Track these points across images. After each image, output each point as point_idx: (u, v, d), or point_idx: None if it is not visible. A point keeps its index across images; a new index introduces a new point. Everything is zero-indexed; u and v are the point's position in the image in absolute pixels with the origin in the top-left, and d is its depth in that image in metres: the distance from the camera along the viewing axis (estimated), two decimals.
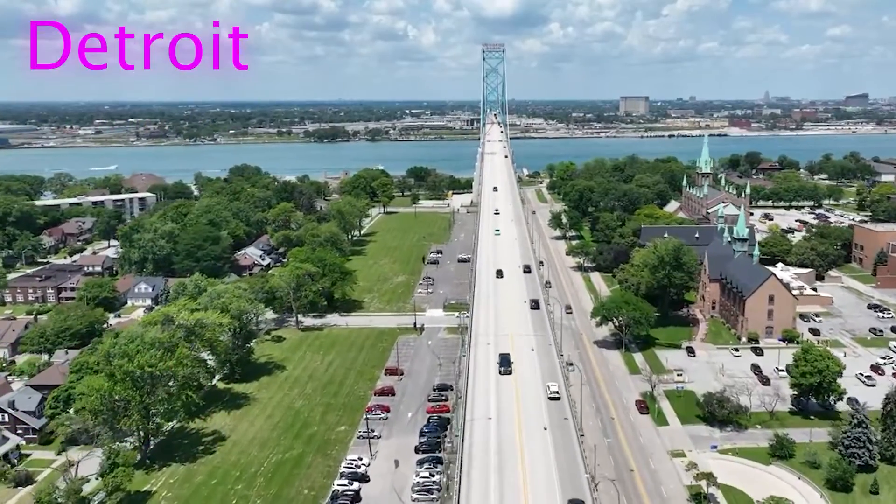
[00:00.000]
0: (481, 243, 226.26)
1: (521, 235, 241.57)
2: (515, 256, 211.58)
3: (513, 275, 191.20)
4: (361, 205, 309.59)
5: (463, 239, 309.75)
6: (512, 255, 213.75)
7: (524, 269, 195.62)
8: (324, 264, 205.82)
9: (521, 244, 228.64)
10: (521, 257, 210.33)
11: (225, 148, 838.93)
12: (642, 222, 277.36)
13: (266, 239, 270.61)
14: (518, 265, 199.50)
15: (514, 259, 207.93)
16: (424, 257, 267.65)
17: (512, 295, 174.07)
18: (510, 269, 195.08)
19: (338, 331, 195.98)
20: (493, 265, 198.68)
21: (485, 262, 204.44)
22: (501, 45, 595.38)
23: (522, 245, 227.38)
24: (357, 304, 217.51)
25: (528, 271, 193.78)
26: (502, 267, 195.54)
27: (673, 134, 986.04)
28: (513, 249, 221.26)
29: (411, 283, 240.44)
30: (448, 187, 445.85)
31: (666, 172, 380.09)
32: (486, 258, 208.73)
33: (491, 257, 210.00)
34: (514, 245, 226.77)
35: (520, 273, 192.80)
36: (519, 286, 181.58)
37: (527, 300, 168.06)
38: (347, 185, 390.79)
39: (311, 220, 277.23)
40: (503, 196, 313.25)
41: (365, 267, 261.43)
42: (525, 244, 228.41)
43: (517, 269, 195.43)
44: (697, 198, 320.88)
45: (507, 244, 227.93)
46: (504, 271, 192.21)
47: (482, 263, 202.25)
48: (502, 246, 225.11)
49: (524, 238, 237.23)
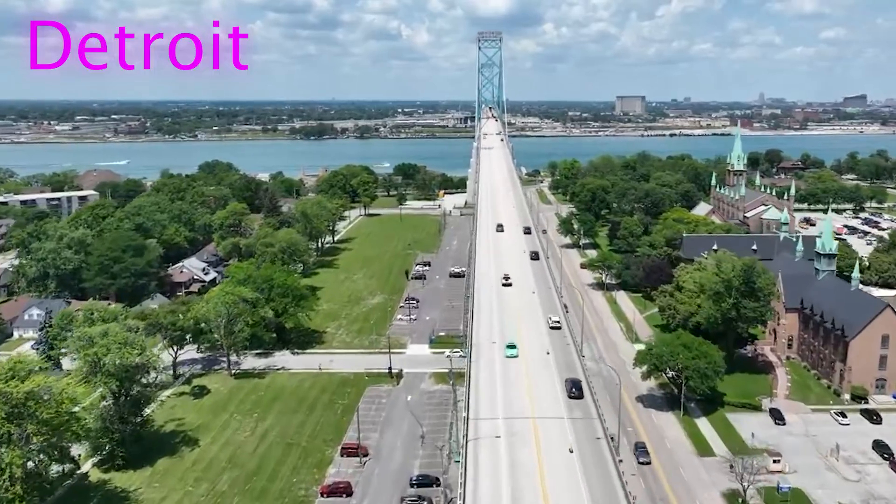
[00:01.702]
0: (479, 263, 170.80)
1: (539, 283, 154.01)
2: (538, 324, 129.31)
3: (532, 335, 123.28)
4: (334, 206, 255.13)
5: (456, 247, 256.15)
6: (533, 318, 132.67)
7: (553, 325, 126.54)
8: (271, 285, 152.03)
9: (542, 303, 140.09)
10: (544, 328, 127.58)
11: (205, 145, 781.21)
12: (670, 228, 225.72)
13: (213, 248, 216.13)
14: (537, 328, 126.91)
15: (534, 330, 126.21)
16: (408, 271, 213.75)
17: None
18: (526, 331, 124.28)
19: (285, 377, 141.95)
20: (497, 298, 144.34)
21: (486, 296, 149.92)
22: (499, 34, 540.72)
23: (546, 306, 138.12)
24: (316, 336, 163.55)
25: (557, 326, 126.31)
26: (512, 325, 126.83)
27: (674, 133, 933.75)
28: (533, 311, 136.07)
29: (390, 305, 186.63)
30: (439, 186, 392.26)
31: (688, 170, 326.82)
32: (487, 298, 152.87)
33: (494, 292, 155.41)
34: (533, 306, 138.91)
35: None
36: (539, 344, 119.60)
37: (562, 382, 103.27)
38: (324, 183, 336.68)
39: (272, 224, 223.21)
40: (505, 203, 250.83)
41: (334, 283, 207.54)
42: (551, 301, 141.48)
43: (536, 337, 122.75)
44: (731, 199, 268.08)
45: (516, 290, 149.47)
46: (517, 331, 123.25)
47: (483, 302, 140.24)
48: (509, 281, 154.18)
49: (547, 289, 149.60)
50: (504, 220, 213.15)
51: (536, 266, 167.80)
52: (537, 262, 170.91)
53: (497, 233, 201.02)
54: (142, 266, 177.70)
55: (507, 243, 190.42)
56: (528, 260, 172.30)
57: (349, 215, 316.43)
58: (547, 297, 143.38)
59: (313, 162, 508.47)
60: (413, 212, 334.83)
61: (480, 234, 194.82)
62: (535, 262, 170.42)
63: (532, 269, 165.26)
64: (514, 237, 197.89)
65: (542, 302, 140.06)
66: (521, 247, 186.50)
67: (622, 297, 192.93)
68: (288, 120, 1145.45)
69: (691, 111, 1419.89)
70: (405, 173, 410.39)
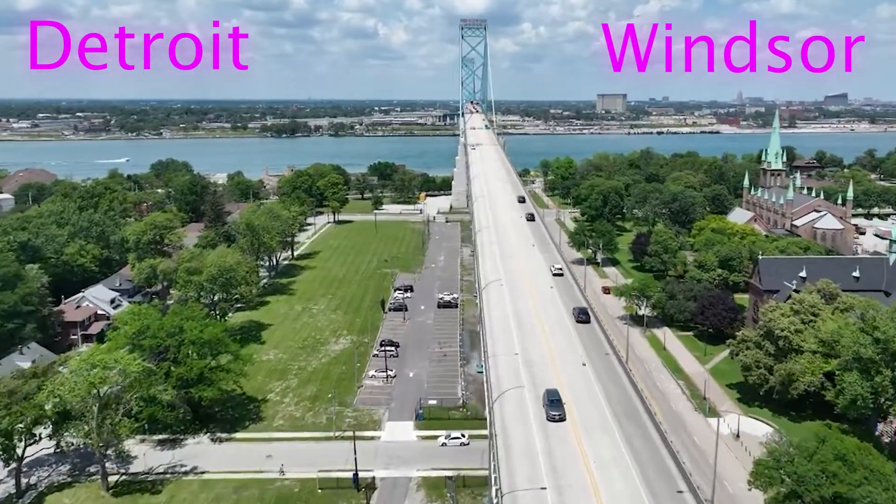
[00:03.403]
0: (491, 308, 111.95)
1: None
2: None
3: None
4: (292, 213, 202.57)
5: (443, 264, 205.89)
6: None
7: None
8: (180, 341, 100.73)
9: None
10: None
11: (169, 143, 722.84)
12: (715, 242, 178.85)
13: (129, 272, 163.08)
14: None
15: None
16: (384, 301, 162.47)
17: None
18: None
19: (194, 488, 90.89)
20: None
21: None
22: (483, 22, 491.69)
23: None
24: (252, 408, 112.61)
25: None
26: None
27: (662, 131, 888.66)
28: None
29: (360, 352, 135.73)
30: (420, 188, 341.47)
31: (712, 169, 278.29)
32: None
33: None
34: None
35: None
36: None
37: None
38: (286, 184, 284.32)
39: (210, 239, 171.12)
40: (511, 218, 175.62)
41: (287, 319, 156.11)
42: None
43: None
44: (774, 204, 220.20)
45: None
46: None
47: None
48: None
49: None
50: (514, 246, 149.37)
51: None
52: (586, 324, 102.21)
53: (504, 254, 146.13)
54: (12, 303, 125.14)
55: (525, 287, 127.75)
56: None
57: (314, 223, 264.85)
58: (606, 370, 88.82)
59: (282, 161, 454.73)
60: (390, 218, 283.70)
61: (486, 265, 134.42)
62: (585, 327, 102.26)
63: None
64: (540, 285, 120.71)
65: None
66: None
67: (669, 337, 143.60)
68: (261, 117, 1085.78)
69: (674, 109, 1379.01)
70: (381, 173, 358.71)
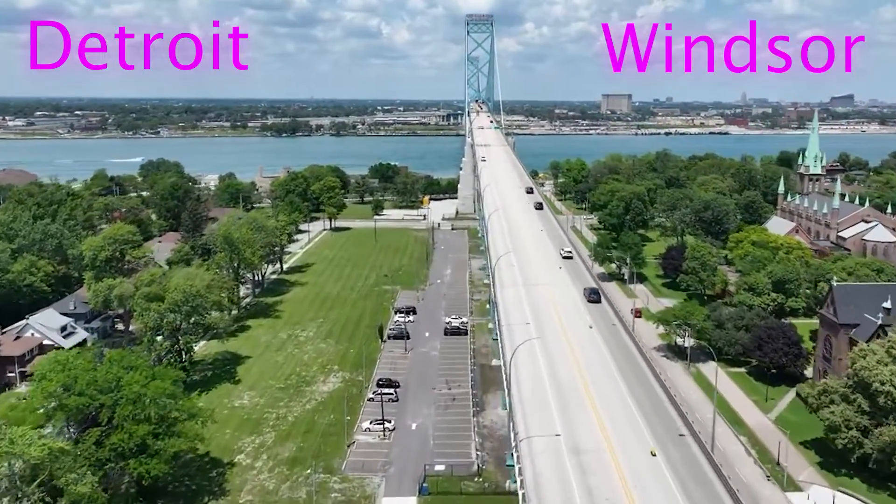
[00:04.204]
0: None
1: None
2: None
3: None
4: (281, 223, 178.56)
5: (450, 279, 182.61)
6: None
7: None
8: (115, 400, 77.68)
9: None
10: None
11: (166, 142, 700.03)
12: (744, 252, 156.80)
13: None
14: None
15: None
16: (382, 328, 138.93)
17: None
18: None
19: None
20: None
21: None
22: (489, 17, 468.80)
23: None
24: (215, 475, 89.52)
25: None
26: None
27: (670, 132, 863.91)
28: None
29: (352, 395, 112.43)
30: (424, 191, 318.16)
31: (741, 173, 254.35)
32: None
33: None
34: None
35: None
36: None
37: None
38: (279, 188, 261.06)
39: (184, 254, 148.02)
40: (530, 232, 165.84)
41: (268, 349, 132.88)
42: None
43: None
44: (816, 213, 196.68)
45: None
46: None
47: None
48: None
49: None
50: (536, 267, 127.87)
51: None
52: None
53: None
54: None
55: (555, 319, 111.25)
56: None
57: (310, 229, 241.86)
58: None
59: (281, 161, 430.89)
60: (391, 224, 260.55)
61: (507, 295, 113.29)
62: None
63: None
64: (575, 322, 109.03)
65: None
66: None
67: (721, 377, 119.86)
68: (262, 116, 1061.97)
69: (680, 110, 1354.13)
70: (382, 175, 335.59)
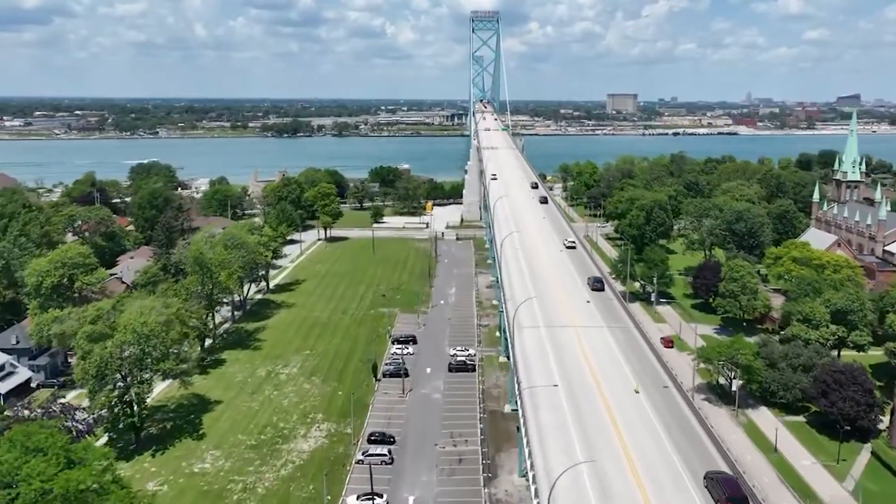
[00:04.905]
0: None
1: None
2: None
3: None
4: (263, 239, 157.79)
5: (455, 299, 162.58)
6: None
7: None
8: (11, 499, 57.72)
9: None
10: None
11: (163, 142, 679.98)
12: (785, 270, 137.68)
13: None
14: None
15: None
16: (376, 366, 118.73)
17: None
18: None
19: None
20: None
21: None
22: (495, 14, 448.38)
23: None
24: None
25: None
26: None
27: (678, 132, 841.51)
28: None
29: (337, 453, 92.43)
30: (427, 196, 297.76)
31: (767, 178, 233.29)
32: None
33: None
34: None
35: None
36: None
37: None
38: (271, 194, 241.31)
39: (152, 274, 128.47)
40: (548, 257, 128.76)
41: (242, 391, 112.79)
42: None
43: None
44: (857, 225, 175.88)
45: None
46: None
47: None
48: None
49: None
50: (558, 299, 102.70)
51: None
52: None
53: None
54: None
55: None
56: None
57: (303, 239, 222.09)
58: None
59: (279, 163, 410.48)
60: (391, 234, 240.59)
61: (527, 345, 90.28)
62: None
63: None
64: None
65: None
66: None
67: (772, 423, 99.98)
68: (263, 116, 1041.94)
69: (686, 110, 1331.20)
70: (383, 179, 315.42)
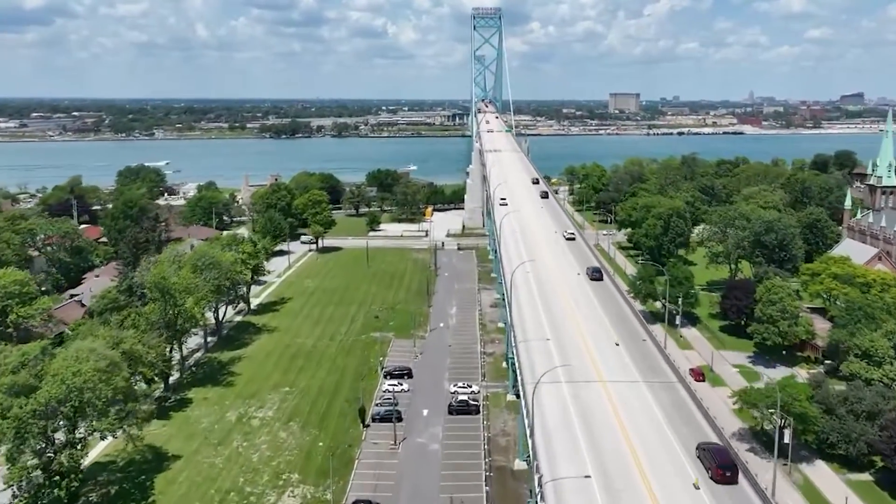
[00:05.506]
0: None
1: None
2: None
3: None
4: (241, 256, 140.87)
5: (456, 321, 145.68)
6: None
7: None
8: None
9: None
10: None
11: (159, 144, 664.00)
12: (827, 289, 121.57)
13: None
14: None
15: None
16: (364, 410, 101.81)
17: None
18: None
19: None
20: None
21: None
22: (497, 11, 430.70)
23: None
24: None
25: None
26: None
27: (682, 131, 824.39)
28: None
29: None
30: (426, 200, 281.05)
31: (791, 183, 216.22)
32: None
33: None
34: None
35: None
36: None
37: None
38: (259, 202, 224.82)
39: (111, 299, 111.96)
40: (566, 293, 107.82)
41: (205, 443, 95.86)
42: None
43: None
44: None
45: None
46: None
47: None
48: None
49: None
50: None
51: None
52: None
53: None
54: None
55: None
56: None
57: (293, 250, 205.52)
58: None
59: (276, 165, 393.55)
60: (388, 243, 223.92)
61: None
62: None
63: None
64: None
65: None
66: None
67: (836, 485, 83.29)
68: (263, 117, 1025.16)
69: (689, 109, 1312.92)
70: (381, 183, 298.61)
